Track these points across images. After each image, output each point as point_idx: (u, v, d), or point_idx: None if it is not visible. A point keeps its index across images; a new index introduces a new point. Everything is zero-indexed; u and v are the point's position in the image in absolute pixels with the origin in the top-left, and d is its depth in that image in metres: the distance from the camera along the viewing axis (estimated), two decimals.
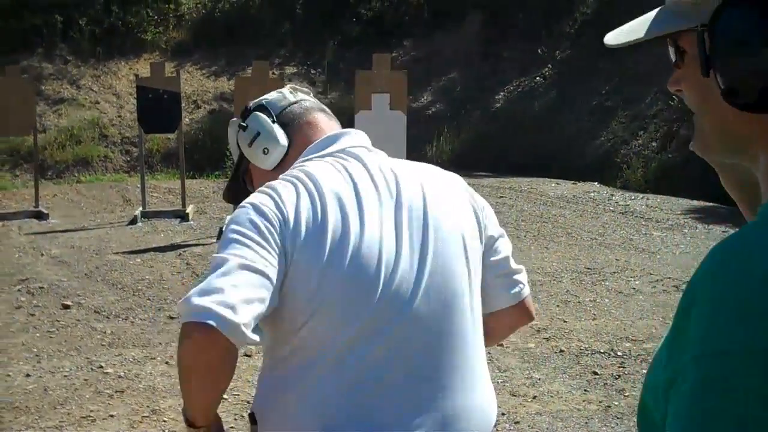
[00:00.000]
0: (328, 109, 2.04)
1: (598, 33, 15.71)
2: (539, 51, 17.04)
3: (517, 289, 1.95)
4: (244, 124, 1.97)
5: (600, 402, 5.17)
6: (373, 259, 1.68)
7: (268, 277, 1.61)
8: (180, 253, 8.93)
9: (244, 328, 1.54)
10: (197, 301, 1.54)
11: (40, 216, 10.88)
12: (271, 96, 2.02)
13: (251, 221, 1.66)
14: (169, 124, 11.20)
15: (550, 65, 16.91)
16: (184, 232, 10.11)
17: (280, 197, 1.71)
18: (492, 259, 1.90)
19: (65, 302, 7.14)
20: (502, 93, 16.90)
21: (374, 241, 1.69)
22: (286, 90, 2.05)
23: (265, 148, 1.93)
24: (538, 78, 16.83)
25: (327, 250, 1.66)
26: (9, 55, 15.43)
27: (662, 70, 15.62)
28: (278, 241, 1.65)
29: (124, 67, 17.03)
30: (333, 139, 1.90)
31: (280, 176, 1.82)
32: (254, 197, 1.74)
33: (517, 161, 14.54)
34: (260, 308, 1.59)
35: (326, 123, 1.98)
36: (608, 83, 15.73)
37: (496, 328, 1.96)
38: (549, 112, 15.77)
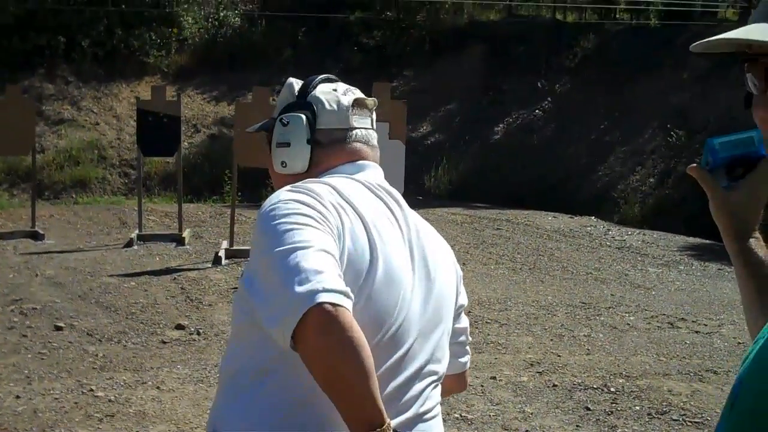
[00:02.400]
0: (374, 139, 1.95)
1: (598, 68, 15.86)
2: (539, 84, 17.12)
3: (465, 359, 2.03)
4: (286, 121, 1.88)
5: None
6: (394, 299, 1.69)
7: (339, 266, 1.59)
8: (175, 278, 8.90)
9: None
10: (309, 287, 1.47)
11: (35, 236, 10.86)
12: (327, 103, 1.89)
13: (303, 214, 1.62)
14: (168, 148, 11.20)
15: (549, 99, 16.98)
16: (180, 256, 10.09)
17: (323, 202, 1.67)
18: (456, 326, 1.95)
19: (58, 324, 7.11)
20: (501, 125, 16.95)
21: (400, 277, 1.71)
22: (346, 101, 1.90)
23: (284, 161, 1.88)
24: (537, 111, 16.89)
25: (367, 266, 1.65)
26: (11, 74, 15.49)
27: (661, 106, 15.67)
28: (334, 234, 1.63)
29: (125, 89, 17.08)
30: (362, 167, 1.88)
31: (323, 180, 1.78)
32: (298, 196, 1.67)
33: (515, 193, 14.57)
34: None
35: (364, 154, 1.92)
36: (607, 118, 15.78)
37: None
38: (547, 146, 15.82)
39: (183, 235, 10.89)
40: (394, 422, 1.58)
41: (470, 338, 2.05)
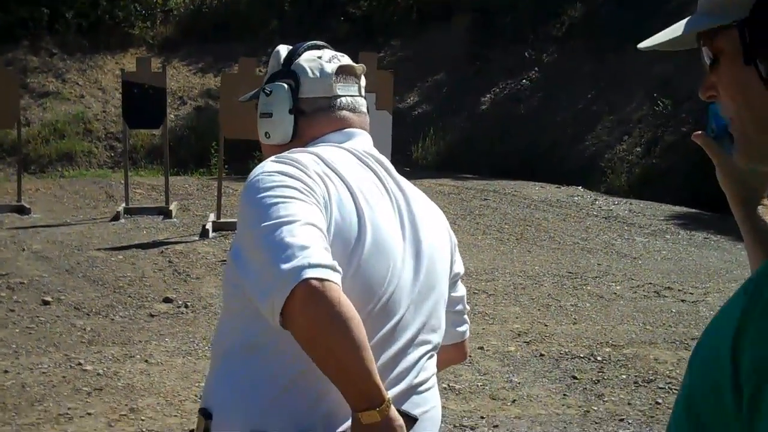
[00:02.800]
0: (362, 107, 1.93)
1: (584, 37, 15.81)
2: (526, 54, 17.07)
3: (463, 328, 1.99)
4: (268, 91, 1.86)
5: (579, 406, 5.18)
6: (384, 268, 1.67)
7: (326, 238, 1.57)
8: (162, 251, 8.89)
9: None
10: (295, 263, 1.45)
11: (22, 210, 10.82)
12: (310, 71, 1.86)
13: (288, 186, 1.60)
14: (154, 120, 11.14)
15: (536, 69, 16.94)
16: (167, 229, 10.07)
17: (308, 172, 1.65)
18: (452, 294, 1.92)
19: (45, 298, 7.10)
20: (488, 95, 16.91)
21: (390, 245, 1.69)
22: (329, 69, 1.87)
23: (267, 132, 1.87)
24: (524, 81, 16.86)
25: (355, 235, 1.64)
26: None
27: (647, 75, 15.66)
28: (321, 205, 1.61)
29: (110, 61, 16.96)
30: (350, 135, 1.85)
31: (309, 150, 1.76)
32: (282, 167, 1.65)
33: (502, 164, 14.56)
34: None
35: (350, 122, 1.89)
36: (594, 88, 15.76)
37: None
38: (534, 116, 15.80)
39: (170, 208, 10.87)
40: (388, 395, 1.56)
41: (468, 307, 2.02)
